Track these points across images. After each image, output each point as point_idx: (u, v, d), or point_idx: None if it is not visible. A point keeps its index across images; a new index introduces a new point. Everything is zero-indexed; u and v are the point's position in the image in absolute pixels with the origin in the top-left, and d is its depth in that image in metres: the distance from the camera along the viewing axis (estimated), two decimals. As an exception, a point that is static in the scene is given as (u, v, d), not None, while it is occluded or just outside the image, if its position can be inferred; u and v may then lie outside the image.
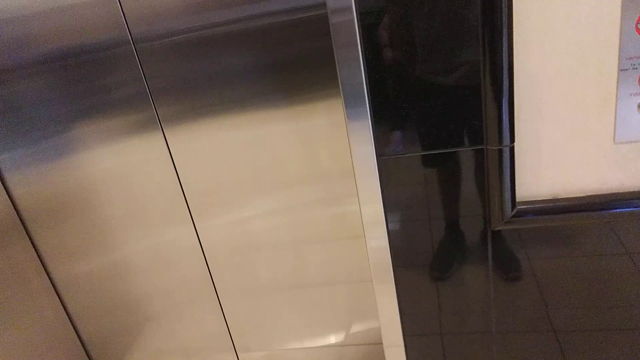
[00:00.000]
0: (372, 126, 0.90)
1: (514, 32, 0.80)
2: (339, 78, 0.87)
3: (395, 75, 0.86)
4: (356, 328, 1.32)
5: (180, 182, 1.21)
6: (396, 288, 1.04)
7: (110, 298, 1.39)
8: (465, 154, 0.90)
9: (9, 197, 1.28)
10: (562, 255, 0.96)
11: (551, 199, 0.91)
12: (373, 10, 0.83)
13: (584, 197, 0.90)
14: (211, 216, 1.24)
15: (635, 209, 0.88)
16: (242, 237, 1.25)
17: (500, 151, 0.87)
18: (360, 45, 0.85)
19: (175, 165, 1.19)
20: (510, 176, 0.88)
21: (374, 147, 0.92)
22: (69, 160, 1.22)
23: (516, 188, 0.91)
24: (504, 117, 0.84)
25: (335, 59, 0.86)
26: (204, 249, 1.28)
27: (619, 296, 0.98)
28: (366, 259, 1.03)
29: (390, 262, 1.02)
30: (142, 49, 1.08)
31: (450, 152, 0.90)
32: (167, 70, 1.09)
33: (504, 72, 0.82)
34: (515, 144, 0.87)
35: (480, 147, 0.88)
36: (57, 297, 1.40)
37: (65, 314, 1.43)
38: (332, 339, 1.35)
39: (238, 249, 1.27)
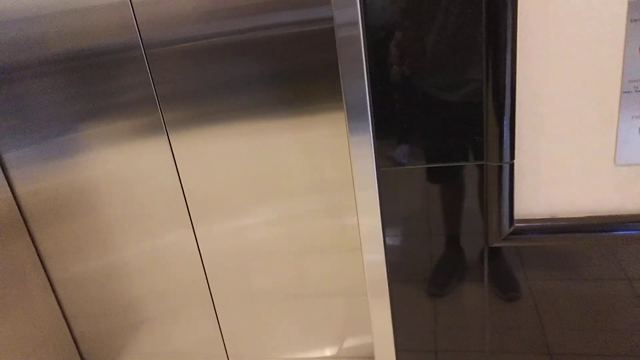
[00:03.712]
0: (373, 139, 0.91)
1: (518, 51, 0.81)
2: (342, 91, 0.88)
3: (399, 89, 0.87)
4: (350, 341, 1.31)
5: (182, 187, 1.21)
6: (391, 303, 1.03)
7: (107, 299, 1.39)
8: (466, 169, 0.90)
9: (13, 194, 1.29)
10: (561, 277, 0.96)
11: (549, 218, 0.90)
12: (379, 25, 0.84)
13: (582, 218, 0.89)
14: (211, 222, 1.24)
15: (635, 232, 0.87)
16: (241, 244, 1.25)
17: (500, 167, 0.87)
18: (366, 59, 0.86)
19: (179, 170, 1.20)
20: (509, 193, 0.88)
21: (374, 161, 0.92)
22: (73, 161, 1.23)
23: (515, 205, 0.91)
24: (505, 134, 0.85)
25: (340, 73, 0.87)
26: (202, 255, 1.28)
27: (616, 321, 0.97)
28: (364, 272, 1.03)
29: (386, 277, 1.01)
30: (151, 54, 1.09)
31: (450, 166, 0.90)
32: (175, 76, 1.10)
33: (507, 90, 0.82)
34: (515, 161, 0.87)
35: (480, 163, 0.88)
36: (53, 296, 1.41)
37: (60, 312, 1.43)
38: (326, 351, 1.33)
39: (236, 256, 1.26)
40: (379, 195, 0.95)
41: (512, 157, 0.86)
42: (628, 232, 0.87)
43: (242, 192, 1.19)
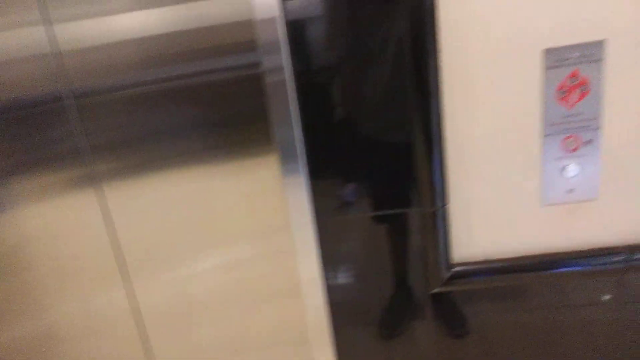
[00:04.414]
0: (308, 183, 0.90)
1: (445, 99, 0.82)
2: (274, 136, 0.87)
3: (331, 134, 0.87)
4: (299, 392, 1.27)
5: (117, 240, 1.16)
6: (336, 348, 1.01)
7: (38, 367, 1.30)
8: (401, 215, 0.90)
9: None
10: (506, 309, 0.97)
11: (485, 260, 0.91)
12: (308, 70, 0.83)
13: (516, 259, 0.90)
14: (150, 276, 1.18)
15: (568, 269, 0.90)
16: (183, 297, 1.20)
17: (434, 213, 0.87)
18: (296, 104, 0.85)
19: (114, 222, 1.15)
20: (445, 238, 0.89)
21: (310, 204, 0.91)
22: (1, 219, 1.17)
23: (452, 249, 0.91)
24: (436, 180, 0.85)
25: (271, 117, 0.86)
26: (142, 312, 1.22)
27: (563, 347, 0.99)
28: (310, 318, 1.00)
29: (329, 322, 0.99)
30: (81, 104, 1.05)
31: (387, 214, 0.91)
32: (106, 125, 1.06)
33: (435, 136, 0.83)
34: (449, 205, 0.88)
35: (415, 209, 0.89)
36: (-24, 368, 1.30)
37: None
38: (275, 405, 1.29)
39: (178, 310, 1.21)
40: (318, 239, 0.94)
41: (445, 201, 0.87)
42: (562, 269, 0.89)
43: (181, 241, 1.15)
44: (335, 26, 0.81)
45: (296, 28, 0.81)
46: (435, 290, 0.93)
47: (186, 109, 1.04)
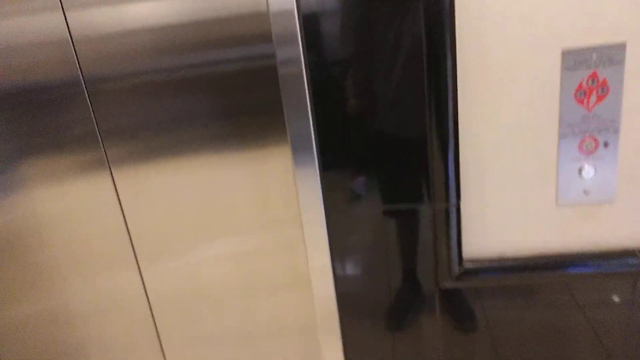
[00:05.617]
0: (320, 175, 0.90)
1: (459, 97, 0.82)
2: (287, 128, 0.87)
3: (344, 126, 0.87)
4: (307, 381, 1.28)
5: (127, 225, 1.17)
6: (343, 339, 1.02)
7: (48, 347, 1.32)
8: (414, 211, 0.90)
9: (-56, 237, 1.21)
10: (516, 305, 0.97)
11: (497, 259, 0.91)
12: (322, 63, 0.83)
13: (529, 258, 0.90)
14: (158, 262, 1.19)
15: (580, 269, 0.89)
16: (190, 284, 1.21)
17: (447, 209, 0.87)
18: (309, 96, 0.85)
19: (123, 208, 1.15)
20: (457, 234, 0.89)
21: (321, 196, 0.91)
22: (10, 200, 1.17)
23: (464, 246, 0.91)
24: (450, 177, 0.85)
25: (284, 108, 0.86)
26: (149, 297, 1.23)
27: (570, 348, 0.98)
28: (319, 309, 1.01)
29: (337, 313, 1.00)
30: (93, 90, 1.05)
31: (398, 208, 0.90)
32: (118, 111, 1.07)
33: (450, 134, 0.83)
34: (462, 202, 0.88)
35: (428, 205, 0.88)
36: (-12, 346, 1.32)
37: (-4, 364, 1.34)
38: (282, 393, 1.30)
39: (185, 297, 1.22)
40: (328, 230, 0.93)
41: (459, 198, 0.86)
42: (574, 270, 0.89)
43: (190, 228, 1.15)
44: (350, 21, 0.81)
45: (311, 21, 0.81)
46: (446, 286, 0.93)
47: (200, 98, 1.04)
